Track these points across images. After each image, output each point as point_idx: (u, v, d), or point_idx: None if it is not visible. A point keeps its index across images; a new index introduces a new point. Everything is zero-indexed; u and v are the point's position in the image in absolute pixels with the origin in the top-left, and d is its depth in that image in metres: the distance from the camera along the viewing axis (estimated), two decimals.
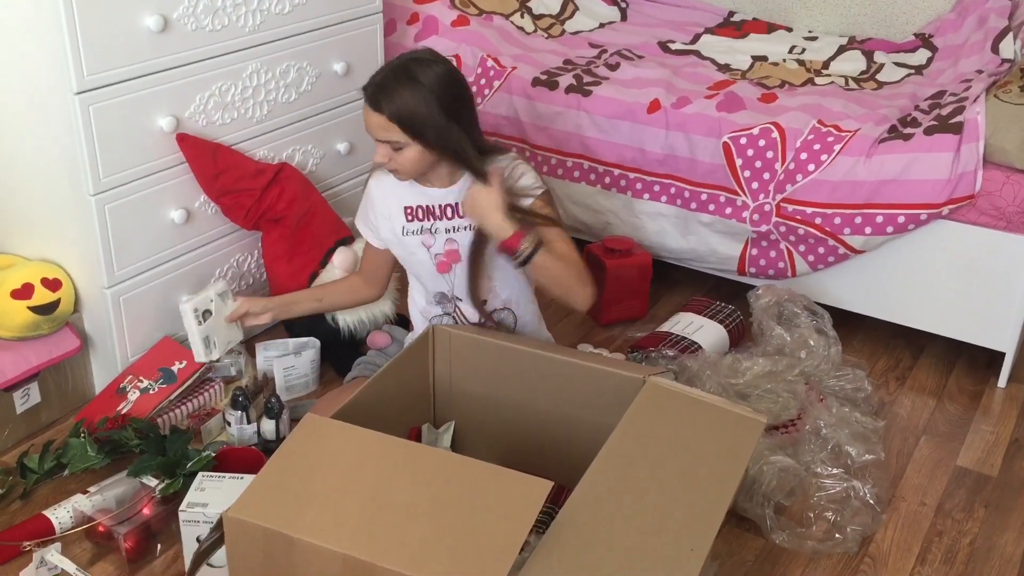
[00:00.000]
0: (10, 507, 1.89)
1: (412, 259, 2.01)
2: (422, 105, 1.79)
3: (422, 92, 1.79)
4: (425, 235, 1.96)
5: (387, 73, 1.83)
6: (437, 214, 1.94)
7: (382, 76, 1.83)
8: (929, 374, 2.43)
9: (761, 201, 2.42)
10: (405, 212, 1.96)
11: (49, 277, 2.07)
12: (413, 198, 1.95)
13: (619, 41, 3.03)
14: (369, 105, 1.82)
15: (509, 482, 1.43)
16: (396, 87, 1.80)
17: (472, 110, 1.90)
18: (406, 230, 1.97)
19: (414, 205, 1.95)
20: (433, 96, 1.80)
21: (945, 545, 1.89)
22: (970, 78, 2.60)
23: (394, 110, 1.79)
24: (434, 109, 1.80)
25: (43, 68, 1.92)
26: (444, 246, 1.96)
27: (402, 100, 1.79)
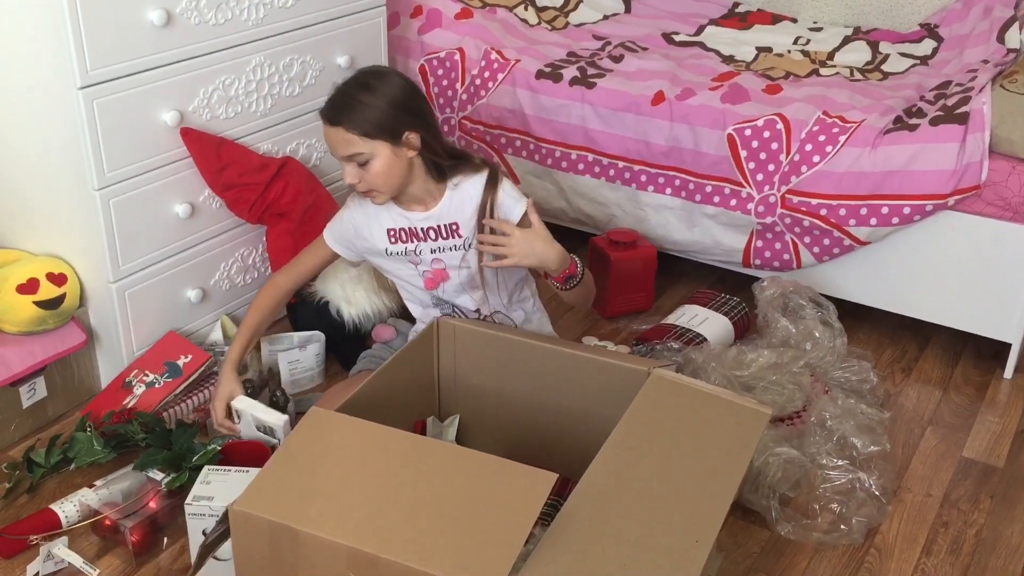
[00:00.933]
0: (17, 501, 1.90)
1: (400, 273, 2.02)
2: (380, 108, 1.81)
3: (377, 96, 1.81)
4: (411, 256, 1.97)
5: (341, 88, 1.85)
6: (420, 236, 1.94)
7: (337, 92, 1.85)
8: (935, 365, 2.42)
9: (766, 193, 2.41)
10: (388, 234, 1.96)
11: (54, 272, 2.08)
12: (394, 221, 1.95)
13: (623, 33, 3.03)
14: (326, 123, 1.84)
15: (514, 475, 1.43)
16: (350, 98, 1.82)
17: (432, 115, 1.91)
18: (390, 251, 1.97)
19: (396, 228, 1.95)
20: (390, 98, 1.82)
21: (951, 536, 1.88)
22: (976, 68, 2.59)
23: (352, 121, 1.80)
24: (394, 109, 1.81)
25: (47, 63, 1.93)
26: (431, 265, 1.96)
27: (358, 108, 1.81)
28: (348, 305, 2.30)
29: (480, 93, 2.74)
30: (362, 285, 2.32)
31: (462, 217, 1.92)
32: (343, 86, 1.86)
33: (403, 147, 1.83)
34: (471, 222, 1.91)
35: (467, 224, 1.92)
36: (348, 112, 1.81)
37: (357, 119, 1.81)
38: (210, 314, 2.33)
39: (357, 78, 1.87)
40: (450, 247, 1.93)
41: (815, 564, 1.81)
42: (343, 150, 1.84)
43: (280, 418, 1.95)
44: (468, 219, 1.92)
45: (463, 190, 1.91)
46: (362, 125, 1.80)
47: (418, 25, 2.84)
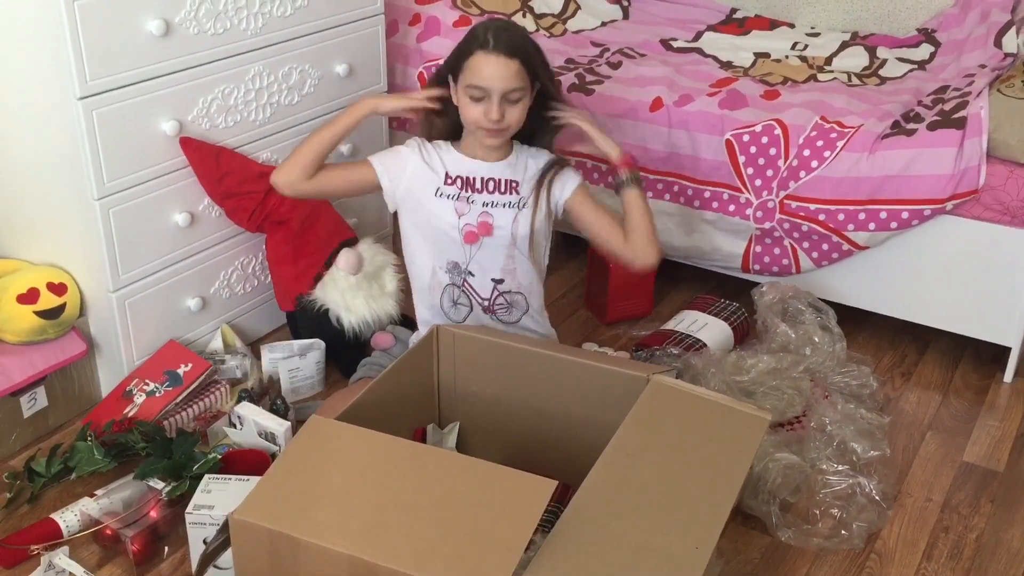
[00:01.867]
0: (18, 511, 1.90)
1: (436, 222, 1.99)
2: (541, 56, 1.92)
3: (532, 41, 1.92)
4: (460, 202, 1.97)
5: (504, 25, 1.91)
6: (478, 187, 1.97)
7: (498, 25, 1.90)
8: (934, 370, 2.42)
9: (765, 198, 2.42)
10: (445, 177, 1.99)
11: (55, 281, 2.08)
12: (455, 167, 1.99)
13: (621, 39, 3.03)
14: (503, 52, 1.86)
15: (514, 482, 1.43)
16: (524, 38, 1.90)
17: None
18: (440, 192, 1.98)
19: (454, 174, 1.98)
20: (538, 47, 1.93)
21: (952, 540, 1.88)
22: (973, 73, 2.59)
23: (530, 59, 1.88)
24: (545, 61, 1.94)
25: (46, 73, 1.93)
26: (478, 218, 1.97)
27: (533, 50, 1.90)
28: (348, 313, 2.30)
29: None
30: (362, 293, 2.32)
31: (523, 177, 1.99)
32: (504, 22, 1.93)
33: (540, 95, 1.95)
34: (530, 184, 1.99)
35: (526, 185, 1.99)
36: (525, 50, 1.88)
37: (533, 58, 1.89)
38: (210, 323, 2.34)
39: (509, 25, 1.93)
40: (504, 203, 1.97)
41: (816, 570, 1.80)
42: (508, 83, 1.86)
43: (282, 424, 1.95)
44: (528, 180, 1.99)
45: (529, 153, 2.01)
46: (533, 65, 1.89)
47: (417, 33, 2.85)
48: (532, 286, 2.05)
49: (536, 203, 1.98)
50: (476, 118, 1.90)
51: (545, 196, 1.99)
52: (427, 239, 2.03)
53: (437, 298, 2.04)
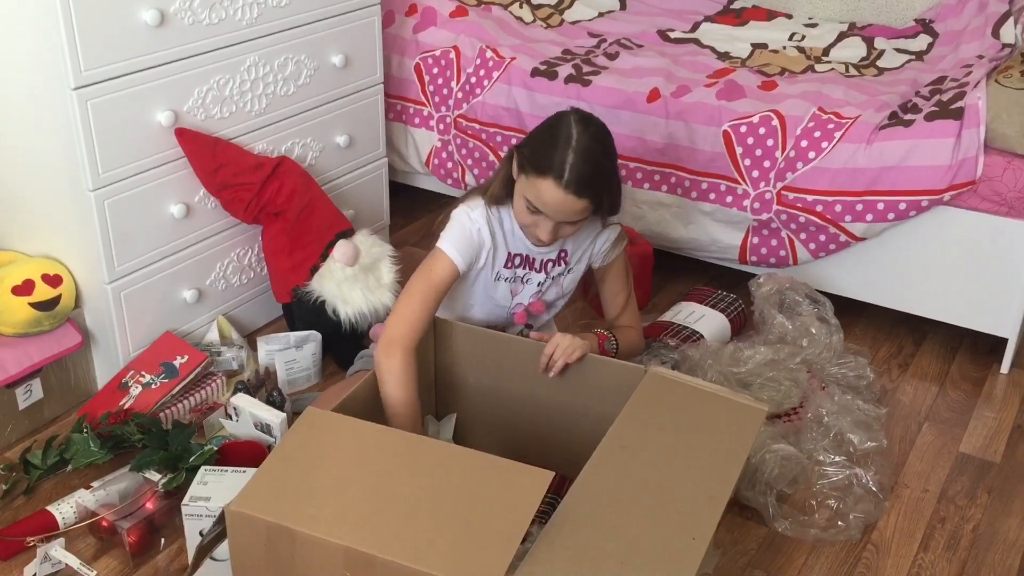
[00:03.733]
0: (14, 503, 1.90)
1: (488, 302, 1.96)
2: (611, 187, 1.80)
3: (612, 173, 1.79)
4: (516, 283, 1.95)
5: (583, 155, 1.72)
6: (536, 266, 1.94)
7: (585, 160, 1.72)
8: (931, 361, 2.42)
9: (762, 189, 2.41)
10: (507, 258, 1.93)
11: (50, 273, 2.07)
12: (516, 247, 1.92)
13: (618, 30, 3.02)
14: (572, 192, 1.72)
15: (511, 473, 1.43)
16: (601, 175, 1.75)
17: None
18: (500, 276, 1.93)
19: (515, 253, 1.92)
20: (615, 176, 1.81)
21: (948, 531, 1.89)
22: (971, 63, 2.59)
23: (596, 199, 1.76)
24: (616, 181, 1.81)
25: (40, 64, 1.92)
26: (529, 298, 1.96)
27: (604, 187, 1.77)
28: (344, 305, 2.30)
29: (475, 91, 2.73)
30: (358, 285, 2.32)
31: (572, 246, 1.95)
32: (596, 157, 1.74)
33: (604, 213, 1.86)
34: (579, 249, 1.96)
35: (573, 254, 1.96)
36: (596, 190, 1.74)
37: (600, 199, 1.77)
38: (206, 314, 2.33)
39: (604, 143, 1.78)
40: (555, 274, 1.96)
41: (812, 560, 1.81)
42: (569, 216, 1.76)
43: (278, 415, 1.95)
44: (579, 247, 1.96)
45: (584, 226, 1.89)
46: (600, 199, 1.77)
47: (413, 23, 2.84)
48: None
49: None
50: (527, 225, 1.82)
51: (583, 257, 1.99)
52: (477, 304, 1.97)
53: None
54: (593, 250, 1.99)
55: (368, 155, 2.68)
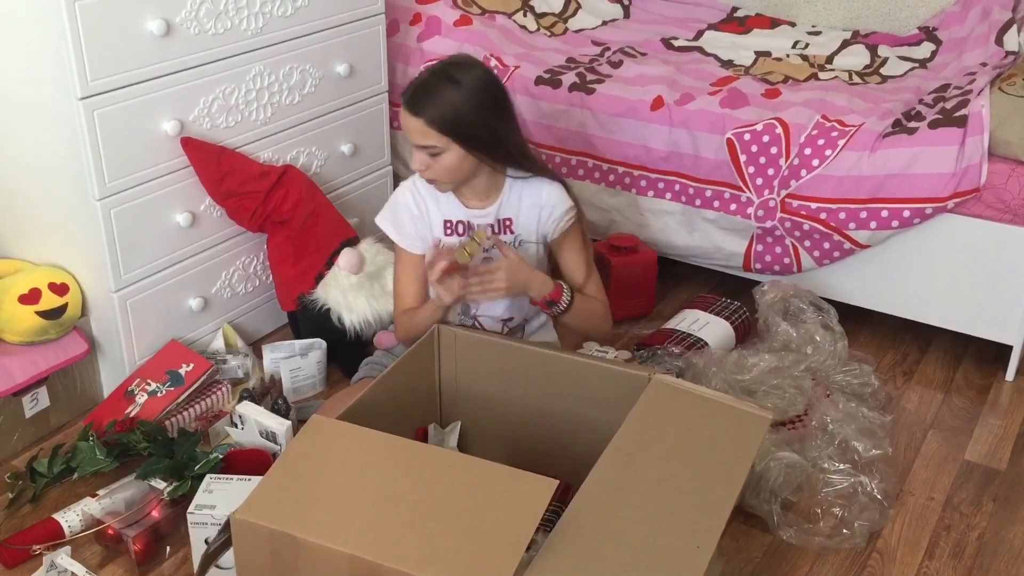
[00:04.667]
0: (20, 511, 1.91)
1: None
2: (461, 106, 1.80)
3: (461, 93, 1.80)
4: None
5: (425, 77, 1.83)
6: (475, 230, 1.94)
7: (420, 80, 1.83)
8: (936, 368, 2.42)
9: (766, 197, 2.42)
10: (444, 225, 1.95)
11: (56, 282, 2.08)
12: (453, 212, 1.95)
13: (622, 38, 3.03)
14: (407, 110, 1.82)
15: (515, 481, 1.43)
16: (434, 90, 1.80)
17: (512, 115, 1.89)
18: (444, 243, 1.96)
19: (454, 220, 1.95)
20: (472, 96, 1.80)
21: (953, 539, 1.88)
22: (974, 71, 2.59)
23: (434, 113, 1.79)
24: (473, 110, 1.80)
25: (47, 74, 1.93)
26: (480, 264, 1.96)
27: (441, 102, 1.79)
28: (349, 312, 2.30)
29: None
30: (363, 292, 2.32)
31: (516, 212, 1.94)
32: (429, 76, 1.83)
33: (475, 148, 1.83)
34: (528, 221, 1.95)
35: (521, 220, 1.95)
36: (430, 104, 1.80)
37: (437, 114, 1.79)
38: (211, 323, 2.34)
39: (443, 69, 1.84)
40: (505, 242, 1.93)
41: (817, 568, 1.80)
42: (419, 139, 1.83)
43: (283, 423, 1.95)
44: (524, 217, 1.95)
45: (523, 188, 1.93)
46: (441, 121, 1.80)
47: (417, 32, 2.85)
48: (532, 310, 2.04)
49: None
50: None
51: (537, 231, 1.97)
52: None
53: None
54: (540, 221, 1.96)
55: (373, 163, 2.69)
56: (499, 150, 1.86)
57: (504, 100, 1.87)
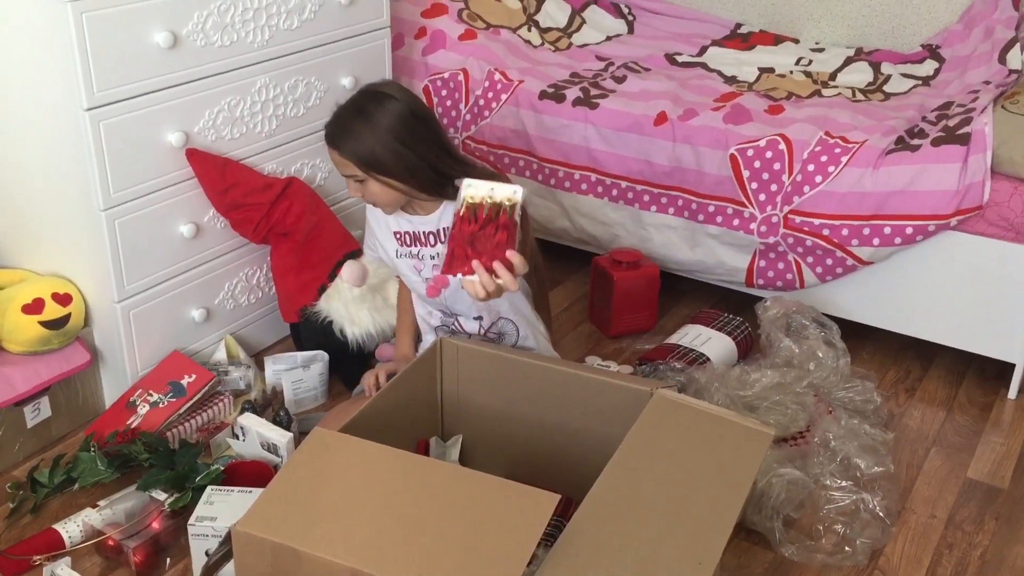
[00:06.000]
0: (21, 521, 1.90)
1: (406, 279, 2.07)
2: (373, 143, 1.83)
3: (372, 129, 1.83)
4: (414, 260, 2.00)
5: (341, 111, 1.88)
6: (423, 240, 1.98)
7: (336, 115, 1.88)
8: (939, 386, 2.42)
9: (769, 213, 2.42)
10: (395, 236, 2.01)
11: (60, 292, 2.08)
12: (400, 224, 2.00)
13: (626, 54, 3.04)
14: (326, 142, 1.89)
15: (517, 495, 1.43)
16: (350, 125, 1.85)
17: (435, 141, 1.89)
18: (399, 253, 2.02)
19: (402, 231, 2.00)
20: (385, 132, 1.83)
21: (956, 558, 1.88)
22: (977, 89, 2.60)
23: (348, 148, 1.84)
24: (385, 146, 1.83)
25: (54, 85, 1.94)
26: (432, 272, 1.98)
27: (355, 138, 1.84)
28: (352, 325, 2.30)
29: (484, 114, 2.75)
30: (366, 305, 2.32)
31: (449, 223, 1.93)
32: (342, 109, 1.89)
33: (393, 179, 1.85)
34: None
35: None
36: (343, 139, 1.86)
37: (349, 149, 1.85)
38: (214, 334, 2.34)
39: (356, 101, 1.88)
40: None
41: None
42: (340, 170, 1.91)
43: (284, 435, 1.95)
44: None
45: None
46: (361, 156, 1.84)
47: (422, 46, 2.86)
48: (515, 309, 2.02)
49: None
50: None
51: None
52: (411, 289, 2.09)
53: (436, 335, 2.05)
54: None
55: None
56: (419, 177, 1.87)
57: (421, 127, 1.87)
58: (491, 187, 1.63)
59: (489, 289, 1.58)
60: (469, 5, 2.97)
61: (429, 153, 1.87)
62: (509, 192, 1.62)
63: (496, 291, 1.59)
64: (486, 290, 1.58)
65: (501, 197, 1.62)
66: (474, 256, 1.58)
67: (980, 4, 2.93)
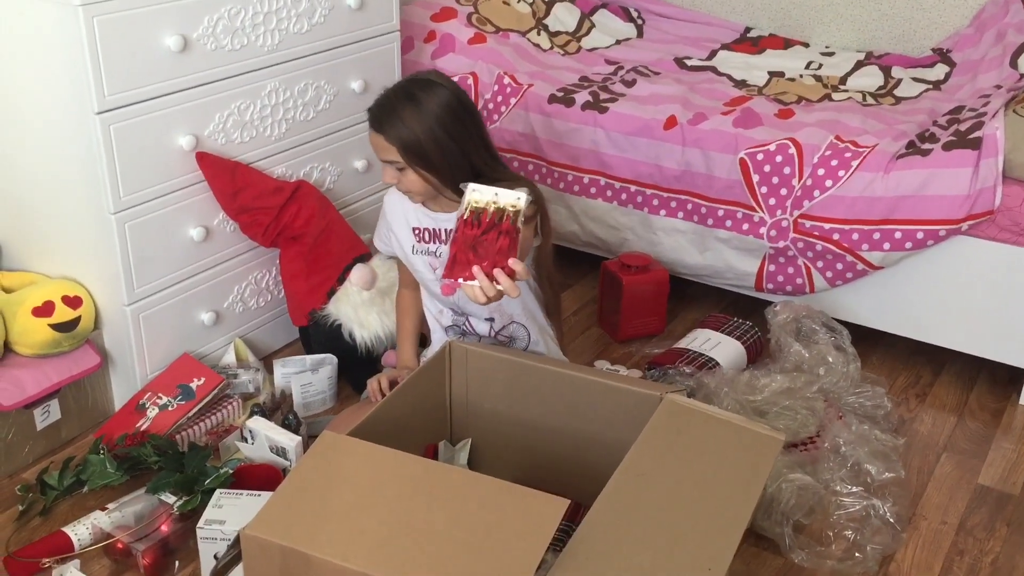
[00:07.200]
0: (30, 523, 1.91)
1: (419, 277, 2.04)
2: (422, 129, 1.80)
3: (423, 116, 1.80)
4: (430, 257, 1.98)
5: (389, 95, 1.85)
6: (442, 238, 1.95)
7: (384, 98, 1.85)
8: (949, 391, 2.41)
9: (778, 217, 2.41)
10: (413, 232, 1.98)
11: (70, 295, 2.09)
12: (419, 219, 1.98)
13: (635, 57, 3.04)
14: (371, 126, 1.85)
15: (526, 500, 1.42)
16: (397, 110, 1.82)
17: (479, 135, 1.88)
18: (415, 249, 2.00)
19: (421, 227, 1.98)
20: (434, 120, 1.80)
21: (967, 564, 1.87)
22: (988, 93, 2.59)
23: (394, 133, 1.81)
24: (435, 134, 1.80)
25: (65, 88, 1.95)
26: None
27: (402, 123, 1.81)
28: (361, 328, 2.30)
29: (493, 117, 2.75)
30: (375, 308, 2.32)
31: None
32: (389, 93, 1.86)
33: (432, 171, 1.84)
34: None
35: None
36: (390, 123, 1.82)
37: (395, 134, 1.82)
38: (223, 337, 2.34)
39: (404, 86, 1.86)
40: None
41: None
42: (383, 155, 1.86)
43: (293, 439, 1.95)
44: None
45: None
46: (406, 143, 1.81)
47: (432, 50, 2.86)
48: (527, 313, 2.01)
49: None
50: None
51: None
52: (424, 286, 2.07)
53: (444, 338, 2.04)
54: None
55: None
56: (456, 172, 1.84)
57: (468, 119, 1.86)
58: (495, 192, 1.64)
59: (489, 295, 1.58)
60: (478, 9, 2.97)
61: (471, 147, 1.85)
62: (513, 198, 1.63)
63: (496, 296, 1.59)
64: (486, 295, 1.58)
65: (505, 203, 1.63)
66: (476, 261, 1.58)
67: (991, 8, 2.92)
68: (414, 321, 2.15)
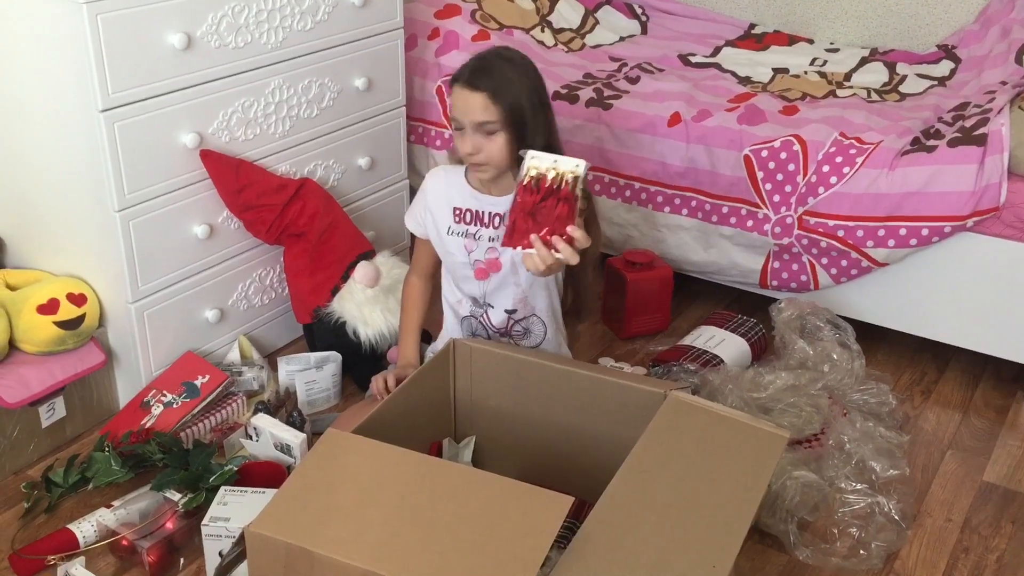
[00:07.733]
0: (35, 521, 1.91)
1: (450, 259, 2.00)
2: (525, 93, 1.81)
3: (525, 80, 1.82)
4: (468, 239, 1.95)
5: (487, 56, 1.85)
6: (485, 221, 1.93)
7: (482, 59, 1.84)
8: (954, 388, 2.40)
9: (783, 214, 2.41)
10: (453, 212, 1.95)
11: (74, 292, 2.09)
12: (464, 200, 1.95)
13: (640, 54, 3.04)
14: (467, 86, 1.81)
15: (530, 497, 1.42)
16: (504, 70, 1.82)
17: (551, 112, 1.90)
18: (451, 230, 1.96)
19: (463, 208, 1.95)
20: (532, 87, 1.83)
21: (972, 562, 1.86)
22: (994, 89, 2.58)
23: (494, 88, 1.79)
24: (533, 100, 1.82)
25: (69, 86, 1.95)
26: (485, 254, 1.94)
27: (509, 84, 1.80)
28: (365, 326, 2.31)
29: None
30: (379, 306, 2.32)
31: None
32: (486, 55, 1.85)
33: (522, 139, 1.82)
34: None
35: None
36: (494, 81, 1.80)
37: (502, 91, 1.80)
38: (228, 334, 2.35)
39: (498, 52, 1.87)
40: None
41: None
42: (477, 115, 1.80)
43: (297, 436, 1.95)
44: None
45: None
46: (504, 99, 1.80)
47: (435, 47, 2.86)
48: (549, 309, 2.01)
49: None
50: (457, 148, 1.88)
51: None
52: (449, 271, 2.03)
53: (458, 328, 2.04)
54: None
55: (389, 177, 2.69)
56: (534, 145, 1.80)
57: (548, 100, 1.90)
58: (554, 159, 1.67)
59: (548, 263, 1.60)
60: (482, 6, 2.97)
61: (551, 122, 1.87)
62: (572, 165, 1.66)
63: (556, 265, 1.62)
64: (545, 263, 1.60)
65: (564, 169, 1.66)
66: (535, 228, 1.61)
67: (996, 4, 2.91)
68: (419, 315, 2.13)
